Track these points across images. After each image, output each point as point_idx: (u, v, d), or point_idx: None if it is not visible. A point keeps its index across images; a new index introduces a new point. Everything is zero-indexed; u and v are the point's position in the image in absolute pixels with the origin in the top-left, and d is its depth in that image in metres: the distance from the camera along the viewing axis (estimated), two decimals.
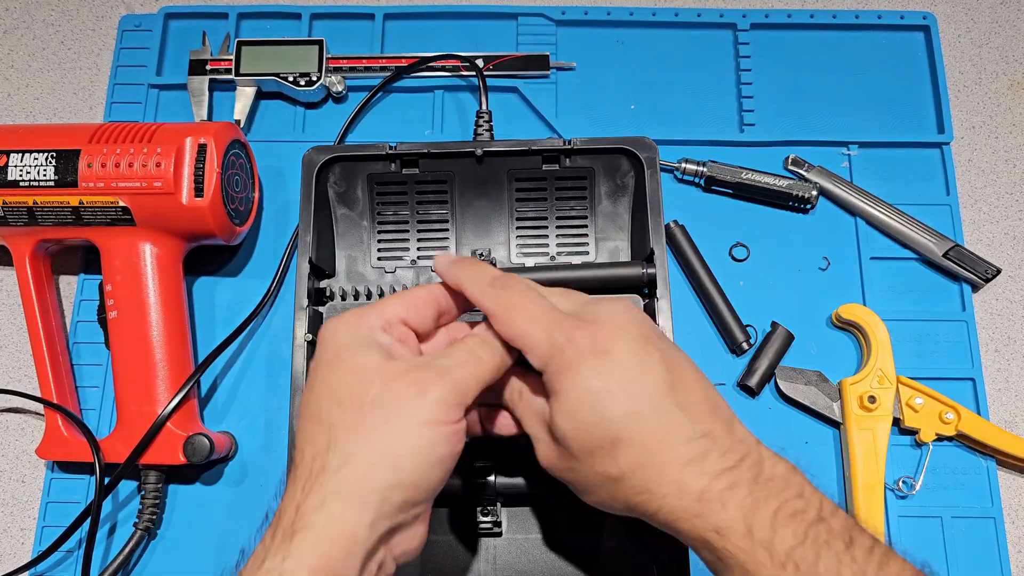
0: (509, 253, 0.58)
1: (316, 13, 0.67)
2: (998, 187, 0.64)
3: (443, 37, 0.67)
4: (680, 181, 0.62)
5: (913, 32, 0.67)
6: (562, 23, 0.67)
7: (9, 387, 0.58)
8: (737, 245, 0.61)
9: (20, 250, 0.56)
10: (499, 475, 0.50)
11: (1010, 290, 0.61)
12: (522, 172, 0.56)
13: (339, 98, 0.65)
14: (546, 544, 0.52)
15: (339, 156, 0.55)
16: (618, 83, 0.65)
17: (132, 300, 0.54)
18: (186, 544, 0.55)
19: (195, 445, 0.52)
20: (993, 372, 0.59)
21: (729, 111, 0.64)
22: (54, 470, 0.56)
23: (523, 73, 0.65)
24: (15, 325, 0.61)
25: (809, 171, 0.62)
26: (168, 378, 0.54)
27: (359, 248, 0.58)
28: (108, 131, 0.53)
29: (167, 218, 0.53)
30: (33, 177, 0.52)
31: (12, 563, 0.55)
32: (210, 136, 0.53)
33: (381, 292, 0.56)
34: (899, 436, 0.56)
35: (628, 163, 0.55)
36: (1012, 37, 0.69)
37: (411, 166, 0.56)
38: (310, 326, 0.52)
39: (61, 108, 0.67)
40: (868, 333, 0.56)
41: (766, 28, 0.66)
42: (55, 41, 0.69)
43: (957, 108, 0.66)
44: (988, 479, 0.55)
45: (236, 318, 0.58)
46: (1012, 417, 0.58)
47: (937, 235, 0.60)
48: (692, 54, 0.66)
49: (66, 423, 0.55)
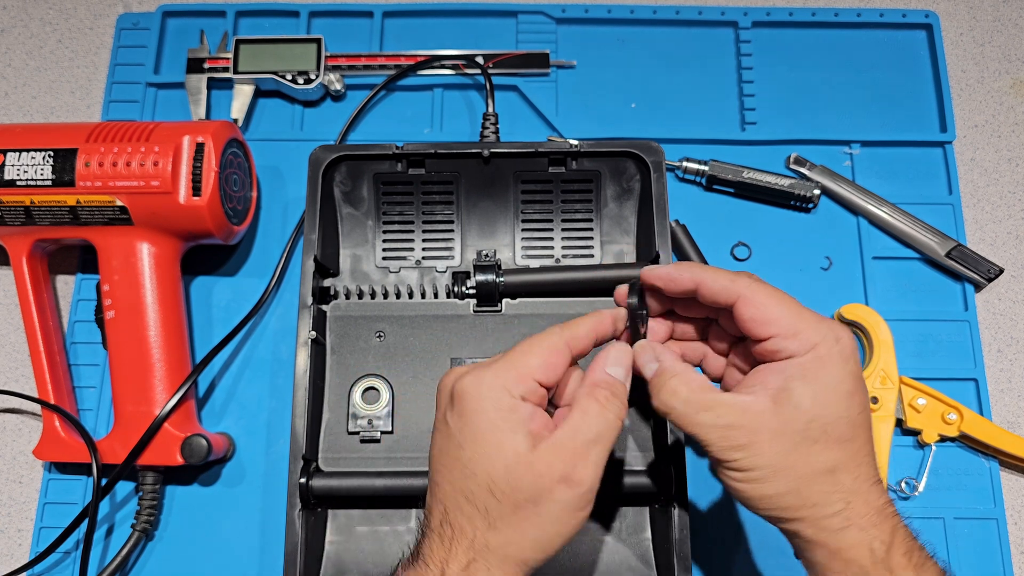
0: (514, 255, 0.58)
1: (315, 11, 0.66)
2: (1001, 186, 0.64)
3: (442, 35, 0.66)
4: (681, 180, 0.62)
5: (915, 30, 0.66)
6: (562, 21, 0.66)
7: (6, 388, 0.58)
8: (739, 244, 0.61)
9: (17, 250, 0.55)
10: None
11: (1013, 290, 0.61)
12: (528, 174, 0.56)
13: (338, 96, 0.65)
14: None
15: (345, 155, 0.54)
16: (619, 81, 0.65)
17: (130, 300, 0.53)
18: (184, 545, 0.54)
19: (193, 446, 0.52)
20: (996, 372, 0.59)
21: (731, 110, 0.64)
22: (51, 471, 0.56)
23: (523, 71, 0.64)
24: (12, 325, 0.61)
25: (811, 170, 0.61)
26: (166, 378, 0.53)
27: (364, 247, 0.58)
28: (105, 130, 0.53)
29: (165, 217, 0.53)
30: (30, 176, 0.52)
31: (9, 564, 0.55)
32: (208, 135, 0.53)
33: (385, 292, 0.56)
34: (901, 437, 0.56)
35: (634, 166, 0.55)
36: (1014, 35, 0.68)
37: (417, 166, 0.56)
38: (314, 324, 0.51)
39: (58, 107, 0.67)
40: (870, 333, 0.56)
41: (768, 26, 0.66)
42: (52, 39, 0.69)
43: (959, 107, 0.66)
44: (991, 480, 0.55)
45: (234, 318, 0.58)
46: (1015, 418, 0.58)
47: (939, 235, 0.59)
48: (693, 52, 0.66)
49: (63, 424, 0.54)
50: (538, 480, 0.35)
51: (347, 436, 0.53)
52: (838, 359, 0.36)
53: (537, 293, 0.56)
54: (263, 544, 0.54)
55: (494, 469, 0.36)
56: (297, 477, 0.48)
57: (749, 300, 0.38)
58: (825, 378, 0.36)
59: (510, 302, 0.56)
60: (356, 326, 0.55)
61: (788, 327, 0.37)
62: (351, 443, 0.53)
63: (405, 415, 0.54)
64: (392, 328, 0.55)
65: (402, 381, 0.54)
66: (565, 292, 0.55)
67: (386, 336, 0.55)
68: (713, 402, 0.37)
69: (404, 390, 0.54)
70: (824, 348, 0.36)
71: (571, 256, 0.57)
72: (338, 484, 0.50)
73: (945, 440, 0.55)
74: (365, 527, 0.52)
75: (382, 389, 0.54)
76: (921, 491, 0.55)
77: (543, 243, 0.58)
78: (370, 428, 0.53)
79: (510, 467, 0.35)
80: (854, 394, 0.37)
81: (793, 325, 0.37)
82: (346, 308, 0.56)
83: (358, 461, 0.53)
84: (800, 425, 0.36)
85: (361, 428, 0.53)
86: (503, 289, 0.55)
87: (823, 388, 0.36)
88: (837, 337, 0.37)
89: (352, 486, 0.50)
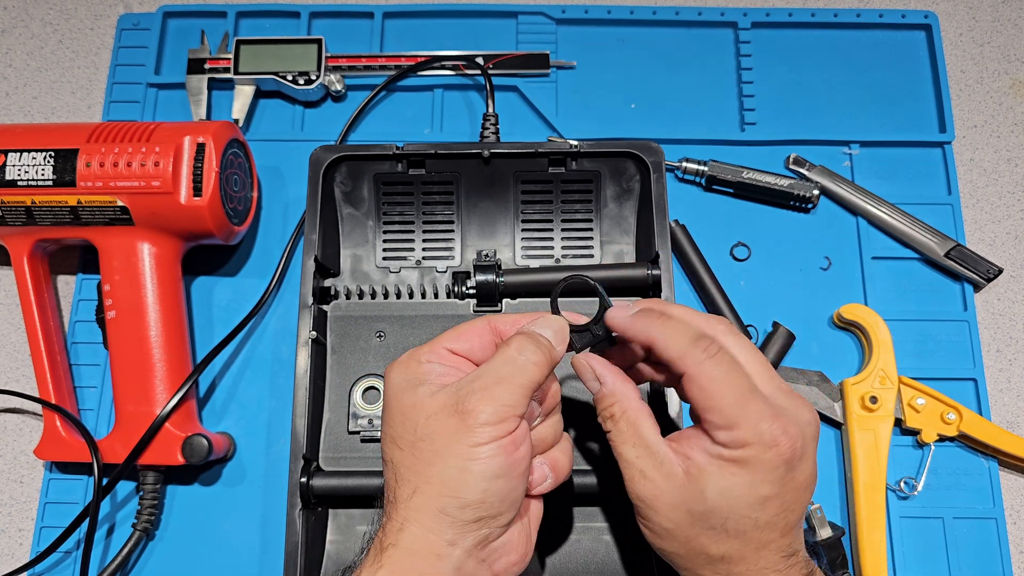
0: (514, 255, 0.58)
1: (315, 12, 0.66)
2: (1000, 186, 0.64)
3: (442, 35, 0.66)
4: (681, 180, 0.62)
5: (915, 31, 0.66)
6: (562, 21, 0.66)
7: (7, 387, 0.58)
8: (738, 245, 0.61)
9: (18, 250, 0.55)
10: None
11: (1012, 290, 0.61)
12: (528, 174, 0.56)
13: (338, 97, 0.65)
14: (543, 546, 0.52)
15: (346, 155, 0.55)
16: (618, 82, 0.65)
17: (130, 300, 0.53)
18: (185, 545, 0.54)
19: (193, 445, 0.52)
20: (995, 372, 0.59)
21: (730, 110, 0.64)
22: (52, 471, 0.56)
23: (523, 72, 0.64)
24: (13, 325, 0.61)
25: (810, 170, 0.61)
26: (166, 378, 0.53)
27: (364, 247, 0.58)
28: (106, 130, 0.53)
29: (165, 218, 0.53)
30: (31, 177, 0.52)
31: (10, 564, 0.55)
32: (209, 135, 0.53)
33: (385, 292, 0.56)
34: (901, 436, 0.56)
35: (634, 167, 0.55)
36: (1014, 36, 0.68)
37: (418, 166, 0.56)
38: (315, 324, 0.52)
39: (59, 107, 0.67)
40: (869, 333, 0.56)
41: (767, 27, 0.66)
42: (53, 40, 0.69)
43: (959, 107, 0.66)
44: (990, 480, 0.55)
45: (235, 318, 0.58)
46: (1014, 417, 0.58)
47: (939, 235, 0.59)
48: (693, 53, 0.66)
49: (64, 423, 0.54)
50: (431, 419, 0.36)
51: (348, 436, 0.53)
52: (764, 466, 0.35)
53: (537, 293, 0.56)
54: (264, 544, 0.54)
55: (396, 422, 0.37)
56: (298, 476, 0.48)
57: (693, 380, 0.36)
58: (742, 479, 0.35)
59: (510, 302, 0.56)
60: (356, 326, 0.55)
61: (725, 419, 0.35)
62: (352, 443, 0.53)
63: None
64: (392, 328, 0.55)
65: None
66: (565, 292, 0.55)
67: (386, 336, 0.55)
68: (639, 439, 0.38)
69: None
70: (754, 451, 0.35)
71: (571, 256, 0.58)
72: (339, 483, 0.50)
73: (944, 440, 0.56)
74: (366, 527, 0.52)
75: (383, 389, 0.54)
76: (920, 491, 0.55)
77: (543, 243, 0.58)
78: (371, 428, 0.53)
79: (406, 414, 0.36)
80: (769, 500, 0.35)
81: (732, 417, 0.35)
82: (346, 308, 0.56)
83: (359, 460, 0.53)
84: (701, 509, 0.36)
85: (362, 428, 0.53)
86: (503, 289, 0.55)
87: (735, 487, 0.35)
88: (774, 442, 0.35)
89: (353, 485, 0.50)
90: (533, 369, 0.37)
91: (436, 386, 0.37)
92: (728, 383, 0.36)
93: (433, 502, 0.35)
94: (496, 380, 0.36)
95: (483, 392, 0.35)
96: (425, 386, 0.37)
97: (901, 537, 0.54)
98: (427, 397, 0.36)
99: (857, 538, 0.53)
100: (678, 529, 0.37)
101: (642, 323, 0.39)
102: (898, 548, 0.54)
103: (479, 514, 0.35)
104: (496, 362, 0.37)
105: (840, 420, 0.55)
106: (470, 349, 0.39)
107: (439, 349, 0.39)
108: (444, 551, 0.34)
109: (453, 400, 0.36)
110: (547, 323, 0.39)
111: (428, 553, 0.34)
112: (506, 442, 0.35)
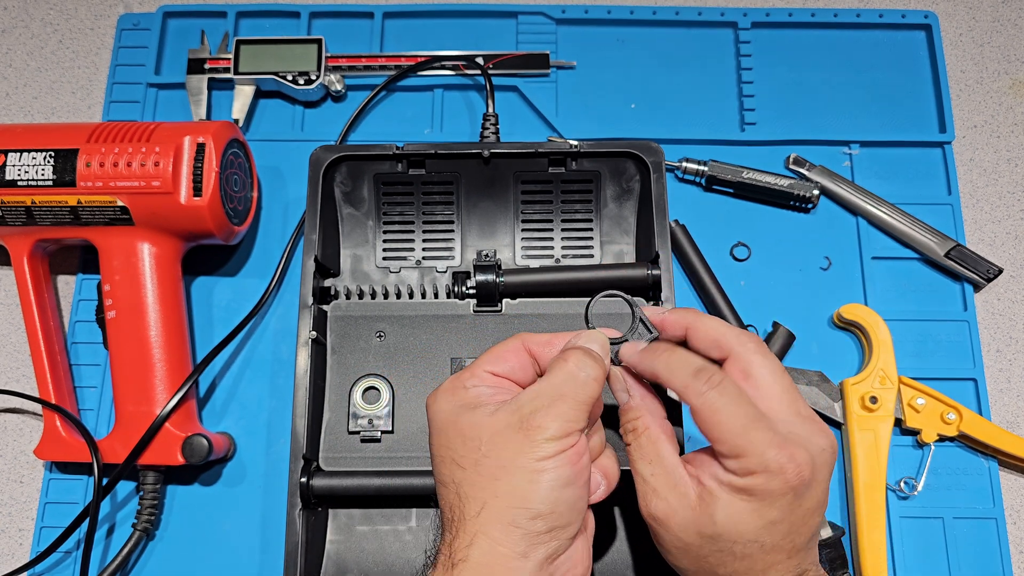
0: (514, 255, 0.58)
1: (315, 12, 0.66)
2: (1000, 186, 0.64)
3: (442, 35, 0.66)
4: (681, 180, 0.62)
5: (914, 31, 0.66)
6: (562, 21, 0.66)
7: (7, 387, 0.58)
8: (738, 245, 0.61)
9: (18, 250, 0.55)
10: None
11: (1012, 290, 0.61)
12: (528, 174, 0.56)
13: (338, 97, 0.65)
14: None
15: (346, 155, 0.55)
16: (618, 82, 0.65)
17: (130, 300, 0.53)
18: (185, 545, 0.54)
19: (193, 445, 0.52)
20: (995, 372, 0.59)
21: (730, 110, 0.64)
22: (52, 471, 0.56)
23: (523, 72, 0.64)
24: (13, 325, 0.61)
25: (810, 170, 0.61)
26: (166, 378, 0.53)
27: (364, 247, 0.58)
28: (106, 130, 0.53)
29: (165, 218, 0.53)
30: (31, 177, 0.52)
31: (10, 564, 0.55)
32: (209, 135, 0.53)
33: (385, 292, 0.56)
34: (901, 436, 0.56)
35: (634, 167, 0.55)
36: (1014, 36, 0.68)
37: (418, 166, 0.56)
38: (314, 324, 0.52)
39: (59, 107, 0.67)
40: (869, 333, 0.56)
41: (767, 27, 0.66)
42: (53, 40, 0.69)
43: (959, 107, 0.66)
44: (990, 480, 0.55)
45: (235, 318, 0.58)
46: (1014, 417, 0.58)
47: (939, 235, 0.59)
48: (693, 53, 0.66)
49: (64, 423, 0.54)
50: (495, 436, 0.36)
51: (347, 436, 0.53)
52: (770, 493, 0.35)
53: (537, 293, 0.56)
54: (264, 544, 0.54)
55: (455, 445, 0.37)
56: (298, 476, 0.48)
57: (698, 411, 0.37)
58: (749, 505, 0.36)
59: (510, 302, 0.56)
60: (356, 326, 0.55)
61: (731, 448, 0.36)
62: (351, 443, 0.53)
63: (405, 415, 0.54)
64: (392, 328, 0.55)
65: (402, 381, 0.54)
66: (565, 292, 0.55)
67: (386, 336, 0.55)
68: (657, 458, 0.38)
69: (404, 390, 0.54)
70: (760, 479, 0.35)
71: (571, 256, 0.58)
72: (338, 483, 0.50)
73: (944, 440, 0.56)
74: (366, 527, 0.52)
75: (382, 389, 0.54)
76: (920, 491, 0.55)
77: (543, 243, 0.58)
78: (370, 428, 0.53)
79: (466, 435, 0.37)
80: (776, 524, 0.36)
81: (737, 447, 0.35)
82: (346, 308, 0.56)
83: (358, 460, 0.53)
84: (710, 532, 0.36)
85: (361, 428, 0.53)
86: (503, 289, 0.55)
87: (742, 512, 0.36)
88: (780, 470, 0.35)
89: (352, 485, 0.50)
90: (593, 385, 0.38)
91: (493, 406, 0.37)
92: (730, 413, 0.36)
93: (503, 515, 0.35)
94: (559, 396, 0.37)
95: (547, 409, 0.36)
96: (482, 408, 0.37)
97: (901, 537, 0.54)
98: (487, 417, 0.37)
99: (857, 538, 0.53)
100: (688, 548, 0.37)
101: (648, 359, 0.40)
102: (898, 548, 0.54)
103: (550, 524, 0.35)
104: (556, 379, 0.38)
105: (840, 420, 0.55)
106: (511, 370, 0.40)
107: (481, 373, 0.39)
108: (516, 564, 0.35)
109: (516, 418, 0.36)
110: (594, 338, 0.40)
111: (500, 566, 0.35)
112: (571, 453, 0.36)
